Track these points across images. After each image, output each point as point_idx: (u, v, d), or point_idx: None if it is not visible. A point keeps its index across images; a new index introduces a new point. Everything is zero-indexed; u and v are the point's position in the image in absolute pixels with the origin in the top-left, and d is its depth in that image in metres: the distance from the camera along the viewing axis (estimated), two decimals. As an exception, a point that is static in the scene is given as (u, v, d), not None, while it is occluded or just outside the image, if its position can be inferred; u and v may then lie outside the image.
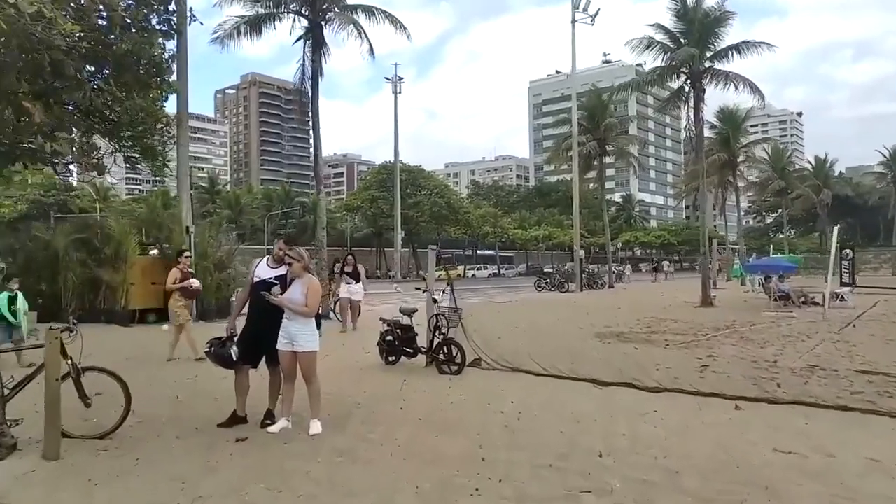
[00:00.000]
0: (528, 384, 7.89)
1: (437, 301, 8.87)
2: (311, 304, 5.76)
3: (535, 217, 79.28)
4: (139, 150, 16.58)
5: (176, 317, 10.15)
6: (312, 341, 5.86)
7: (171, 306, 10.19)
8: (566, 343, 11.70)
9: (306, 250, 6.00)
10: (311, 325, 5.88)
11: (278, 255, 6.11)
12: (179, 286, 10.15)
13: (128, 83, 14.60)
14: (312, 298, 5.78)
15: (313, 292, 5.81)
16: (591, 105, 36.52)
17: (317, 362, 6.01)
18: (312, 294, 5.79)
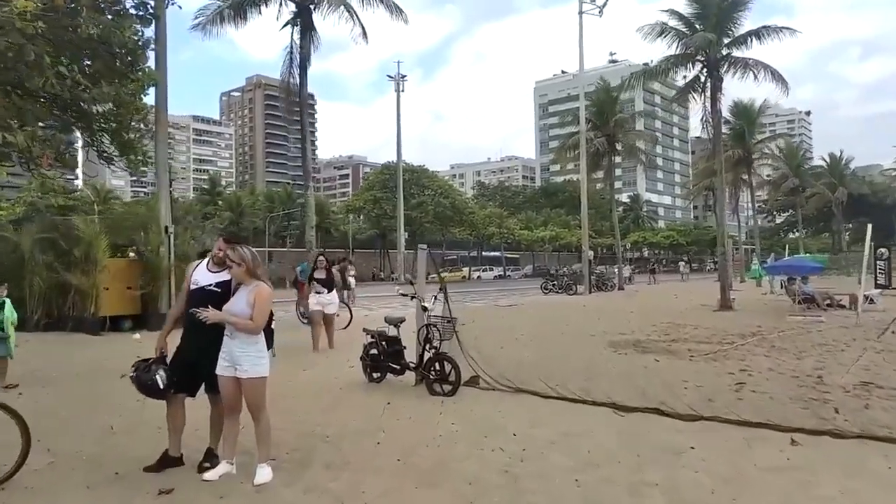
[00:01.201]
0: (534, 409, 6.61)
1: (428, 309, 7.59)
2: (257, 318, 4.52)
3: (542, 218, 77.97)
4: (116, 145, 15.39)
5: None
6: (260, 365, 4.60)
7: None
8: (577, 354, 10.40)
9: (249, 249, 4.74)
10: (259, 344, 4.63)
11: (218, 257, 4.88)
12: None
13: (99, 71, 13.43)
14: (259, 310, 4.54)
15: (261, 302, 4.56)
16: (599, 100, 35.14)
17: (266, 390, 4.74)
18: (259, 304, 4.55)
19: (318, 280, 11.10)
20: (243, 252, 4.66)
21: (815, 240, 79.42)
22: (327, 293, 11.08)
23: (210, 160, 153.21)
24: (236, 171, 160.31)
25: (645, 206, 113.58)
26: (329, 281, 11.19)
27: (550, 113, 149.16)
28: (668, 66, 20.47)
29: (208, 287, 4.86)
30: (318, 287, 11.05)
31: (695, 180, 52.24)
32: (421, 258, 8.07)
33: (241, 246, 4.74)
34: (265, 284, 4.71)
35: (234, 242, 4.78)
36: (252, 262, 4.66)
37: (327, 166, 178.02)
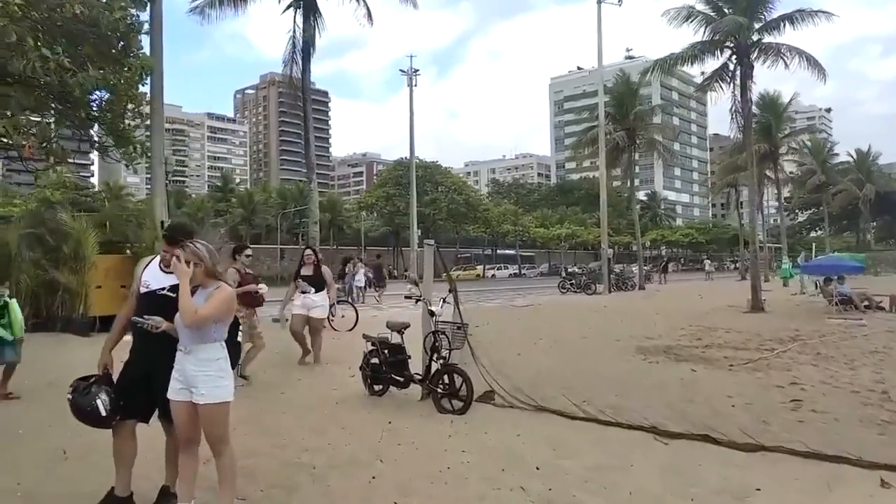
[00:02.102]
0: (559, 433, 5.61)
1: (435, 314, 6.62)
2: (204, 310, 3.56)
3: (557, 215, 76.78)
4: (112, 136, 14.56)
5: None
6: (220, 388, 3.66)
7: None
8: (604, 363, 9.39)
9: (203, 245, 3.79)
10: (219, 361, 3.69)
11: (166, 259, 3.95)
12: (240, 291, 7.77)
13: (89, 55, 12.61)
14: (212, 306, 3.60)
15: (217, 301, 3.63)
16: (619, 93, 33.91)
17: (228, 417, 3.80)
18: (214, 302, 3.62)
19: (305, 278, 9.18)
20: (197, 249, 3.72)
21: (837, 238, 77.51)
22: (314, 293, 9.14)
23: (225, 157, 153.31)
24: (250, 169, 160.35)
25: (663, 204, 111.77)
26: (318, 279, 9.22)
27: (566, 110, 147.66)
28: (694, 53, 19.30)
29: (160, 291, 3.94)
30: (304, 286, 9.14)
31: (717, 177, 50.64)
32: (428, 256, 7.10)
33: (194, 242, 3.79)
34: (229, 288, 3.77)
35: (183, 238, 3.84)
36: (210, 259, 3.73)
37: (341, 164, 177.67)
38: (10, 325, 7.34)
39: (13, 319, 7.39)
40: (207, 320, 3.58)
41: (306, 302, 9.15)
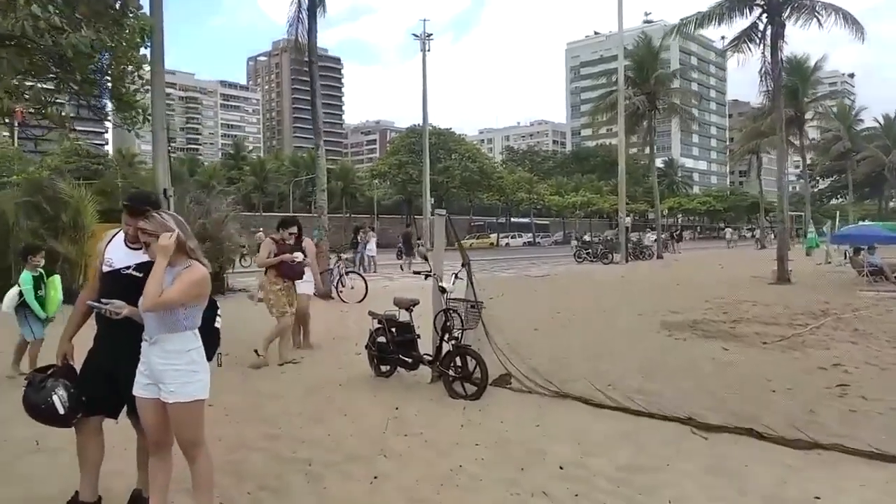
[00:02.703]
0: (583, 424, 5.05)
1: (447, 291, 6.03)
2: (170, 293, 3.00)
3: (572, 183, 75.59)
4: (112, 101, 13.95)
5: (270, 306, 7.45)
6: (192, 383, 3.12)
7: (263, 291, 7.53)
8: (627, 340, 8.80)
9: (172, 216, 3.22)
10: (191, 353, 3.14)
11: (131, 235, 3.39)
12: (275, 261, 7.36)
13: (84, 15, 11.93)
14: (180, 288, 3.03)
15: (186, 281, 3.06)
16: (640, 56, 32.63)
17: (202, 417, 3.27)
18: (183, 283, 3.05)
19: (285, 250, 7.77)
20: (165, 220, 3.14)
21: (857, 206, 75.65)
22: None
23: (238, 125, 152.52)
24: (263, 137, 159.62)
25: (680, 172, 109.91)
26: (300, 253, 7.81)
27: (582, 76, 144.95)
28: (722, 12, 18.25)
29: (125, 270, 3.39)
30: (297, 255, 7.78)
31: (739, 143, 49.14)
32: (439, 227, 6.49)
33: (161, 212, 3.22)
34: (200, 265, 3.20)
35: (147, 208, 3.27)
36: (177, 232, 3.15)
37: (354, 132, 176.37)
38: (45, 302, 6.91)
39: (51, 297, 6.96)
40: (172, 304, 3.02)
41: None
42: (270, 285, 7.40)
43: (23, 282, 6.90)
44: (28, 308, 6.87)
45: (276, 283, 7.39)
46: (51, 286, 7.07)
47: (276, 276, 7.41)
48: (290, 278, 7.53)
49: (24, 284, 6.88)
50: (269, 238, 7.55)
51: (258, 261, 7.47)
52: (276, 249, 7.41)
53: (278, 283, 7.40)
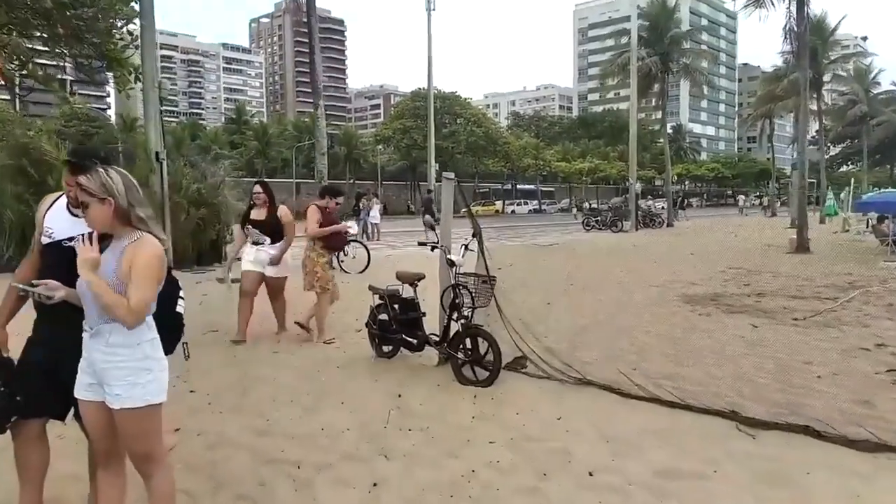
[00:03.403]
0: (612, 417, 4.46)
1: (456, 264, 5.40)
2: (135, 300, 2.40)
3: (579, 149, 74.38)
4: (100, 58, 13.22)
5: (315, 279, 6.70)
6: (143, 385, 2.51)
7: (309, 263, 6.75)
8: (648, 315, 8.20)
9: (118, 173, 2.57)
10: (142, 346, 2.52)
11: (73, 197, 2.76)
12: (330, 230, 6.75)
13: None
14: (138, 286, 2.42)
15: (141, 271, 2.44)
16: (654, 14, 31.36)
17: (160, 425, 2.66)
18: (139, 275, 2.43)
19: (255, 224, 6.77)
20: (108, 179, 2.50)
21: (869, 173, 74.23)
22: (270, 244, 6.76)
23: (240, 89, 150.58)
24: (267, 101, 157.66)
25: (688, 137, 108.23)
26: (273, 226, 6.77)
27: (590, 38, 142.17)
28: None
29: (68, 243, 2.77)
30: (256, 235, 6.77)
31: (753, 107, 47.83)
32: (447, 192, 5.83)
33: (107, 168, 2.56)
34: (153, 238, 2.56)
35: (89, 163, 2.62)
36: (126, 196, 2.51)
37: (358, 96, 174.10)
38: None
39: None
40: (143, 307, 2.43)
41: (259, 256, 6.78)
42: (317, 257, 6.72)
43: None
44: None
45: (322, 255, 6.76)
46: None
47: (323, 247, 6.78)
48: (337, 250, 7.07)
49: None
50: (314, 205, 6.81)
51: (310, 230, 6.67)
52: (321, 218, 6.70)
53: (325, 256, 6.80)
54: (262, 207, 6.76)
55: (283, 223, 6.77)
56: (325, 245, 6.79)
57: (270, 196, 6.78)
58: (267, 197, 6.75)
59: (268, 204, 6.74)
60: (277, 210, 6.79)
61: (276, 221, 6.76)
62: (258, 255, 6.78)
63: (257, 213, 6.78)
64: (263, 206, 6.75)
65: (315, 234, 6.69)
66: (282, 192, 55.96)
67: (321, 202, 6.91)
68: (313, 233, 6.68)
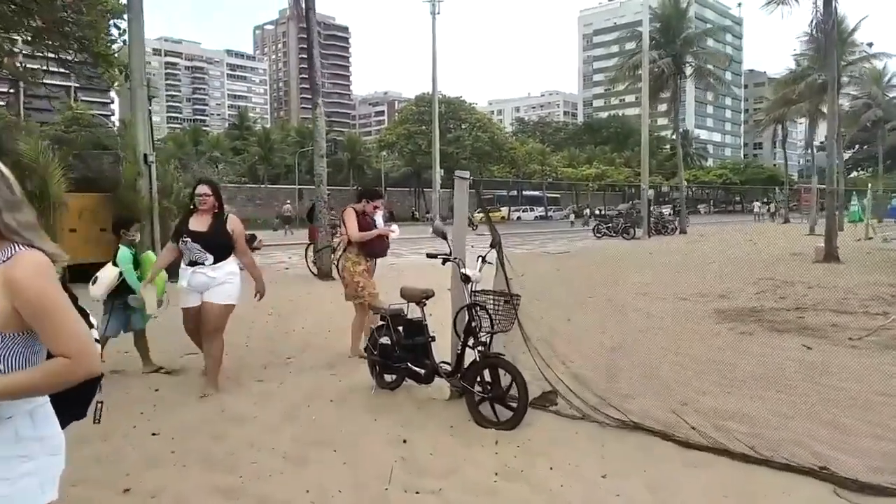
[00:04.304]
0: (668, 475, 3.56)
1: (472, 280, 4.52)
2: (71, 348, 1.57)
3: (585, 155, 73.55)
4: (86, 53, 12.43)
5: (359, 288, 6.00)
6: (14, 483, 1.63)
7: (347, 274, 6.06)
8: (685, 335, 7.29)
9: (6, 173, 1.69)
10: (13, 422, 1.65)
11: None
12: (375, 233, 6.08)
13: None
14: (58, 327, 1.59)
15: (45, 306, 1.60)
16: (665, 14, 30.48)
17: None
18: (44, 312, 1.59)
19: (196, 236, 5.03)
20: None
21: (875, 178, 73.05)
22: (211, 264, 5.01)
23: (245, 96, 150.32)
24: (271, 108, 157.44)
25: (694, 143, 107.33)
26: (218, 239, 5.06)
27: (595, 44, 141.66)
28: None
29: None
30: (196, 252, 5.01)
31: (765, 111, 46.89)
32: (460, 195, 4.95)
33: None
34: (36, 252, 1.69)
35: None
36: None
37: (362, 103, 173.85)
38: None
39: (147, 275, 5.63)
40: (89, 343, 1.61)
41: (197, 280, 5.02)
42: (353, 265, 6.00)
43: (122, 261, 5.55)
44: (117, 299, 5.62)
45: (359, 263, 6.03)
46: (147, 264, 5.73)
47: (360, 253, 6.04)
48: (378, 256, 6.34)
49: (124, 264, 5.55)
50: (350, 208, 6.09)
51: (352, 235, 5.95)
52: (359, 221, 6.03)
53: (361, 263, 6.05)
54: (206, 215, 5.07)
55: (233, 237, 5.13)
56: (365, 251, 6.04)
57: (219, 200, 5.18)
58: (216, 201, 5.13)
59: (215, 210, 5.11)
60: (226, 219, 5.14)
61: (223, 234, 5.06)
62: (196, 280, 5.01)
63: (199, 222, 5.06)
64: (209, 212, 5.07)
65: (359, 239, 5.95)
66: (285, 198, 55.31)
67: (358, 205, 6.13)
68: (357, 237, 5.95)
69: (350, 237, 5.99)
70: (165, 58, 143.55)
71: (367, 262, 6.16)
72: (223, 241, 5.07)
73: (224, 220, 5.12)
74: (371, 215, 6.18)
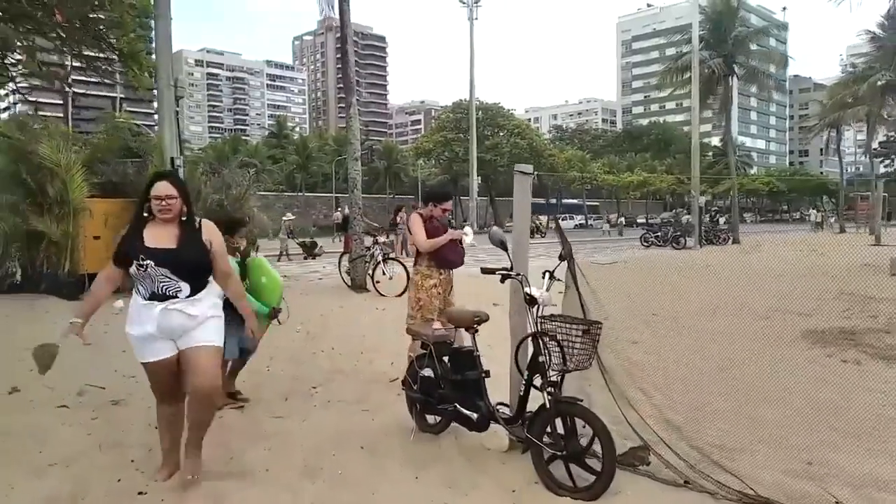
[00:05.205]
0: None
1: (539, 302, 3.56)
2: None
3: (625, 162, 71.88)
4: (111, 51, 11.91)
5: (416, 307, 5.08)
6: None
7: (413, 287, 5.20)
8: (774, 362, 6.21)
9: None
10: None
11: None
12: (445, 239, 5.09)
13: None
14: None
15: None
16: (716, 12, 29.04)
17: None
18: None
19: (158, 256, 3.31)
20: None
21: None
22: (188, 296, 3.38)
23: (284, 105, 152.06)
24: (309, 117, 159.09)
25: (738, 151, 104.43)
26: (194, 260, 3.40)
27: (634, 50, 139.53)
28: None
29: None
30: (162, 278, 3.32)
31: (820, 116, 44.77)
32: (522, 192, 4.01)
33: None
34: None
35: None
36: None
37: (399, 112, 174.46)
38: (259, 293, 4.84)
39: (262, 286, 4.87)
40: None
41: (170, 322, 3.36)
42: (422, 279, 5.09)
43: None
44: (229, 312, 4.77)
45: (429, 276, 5.09)
46: (259, 271, 4.92)
47: (430, 264, 5.11)
48: (453, 266, 5.23)
49: None
50: (416, 214, 5.25)
51: (419, 243, 5.09)
52: (426, 226, 5.14)
53: (432, 276, 5.09)
54: (171, 224, 3.39)
55: (213, 254, 3.47)
56: (432, 261, 5.11)
57: (188, 203, 3.46)
58: (184, 205, 3.42)
59: (184, 218, 3.44)
60: (201, 229, 3.47)
61: (199, 250, 3.41)
62: (169, 322, 3.33)
63: (160, 236, 3.36)
64: (173, 221, 3.39)
65: (429, 248, 5.04)
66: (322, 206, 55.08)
67: (424, 210, 5.24)
68: (426, 246, 5.04)
69: (418, 247, 5.11)
70: (207, 69, 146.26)
71: (439, 274, 5.13)
72: (201, 259, 3.41)
73: (198, 230, 3.44)
74: (440, 219, 5.24)
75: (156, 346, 3.38)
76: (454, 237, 5.09)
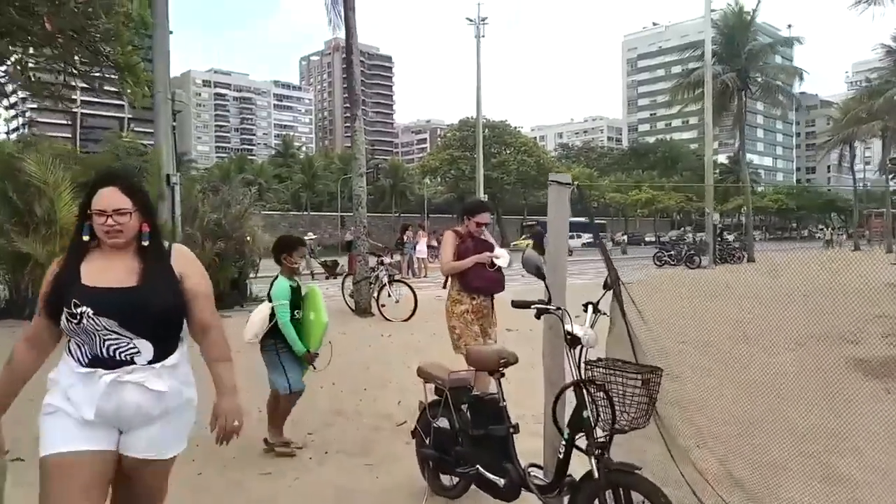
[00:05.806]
0: None
1: (583, 343, 2.89)
2: None
3: (632, 180, 71.44)
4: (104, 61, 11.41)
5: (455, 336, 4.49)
6: None
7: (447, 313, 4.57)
8: (833, 399, 5.50)
9: None
10: None
11: None
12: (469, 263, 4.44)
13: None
14: None
15: None
16: (729, 26, 28.57)
17: None
18: None
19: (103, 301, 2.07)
20: None
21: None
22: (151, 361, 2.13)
23: (290, 125, 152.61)
24: (316, 137, 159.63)
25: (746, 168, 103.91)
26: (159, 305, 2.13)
27: (640, 68, 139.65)
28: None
29: None
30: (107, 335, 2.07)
31: (832, 132, 44.13)
32: (559, 207, 3.37)
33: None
34: None
35: None
36: None
37: (405, 131, 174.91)
38: (303, 328, 4.29)
39: (311, 321, 4.32)
40: None
41: (121, 401, 2.09)
42: (452, 305, 4.50)
43: (277, 295, 4.14)
44: (281, 340, 4.18)
45: (459, 301, 4.48)
46: (311, 304, 4.32)
47: (461, 290, 4.49)
48: (484, 292, 4.54)
49: (278, 299, 4.12)
50: (451, 231, 4.69)
51: (443, 265, 4.56)
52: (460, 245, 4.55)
53: (463, 301, 4.47)
54: (124, 252, 2.19)
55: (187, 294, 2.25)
56: (463, 285, 4.48)
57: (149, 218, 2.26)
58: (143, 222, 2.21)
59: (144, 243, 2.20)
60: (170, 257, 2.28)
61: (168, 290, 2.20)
62: (119, 402, 2.09)
63: (105, 269, 2.16)
64: (126, 247, 2.19)
65: (448, 270, 4.49)
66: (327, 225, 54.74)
67: (461, 227, 4.65)
68: (446, 268, 4.51)
69: (441, 269, 4.56)
70: (215, 89, 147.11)
71: (471, 300, 4.49)
72: (169, 303, 2.20)
73: (165, 259, 2.26)
74: (478, 235, 4.60)
75: (85, 432, 2.07)
76: (480, 260, 4.43)
